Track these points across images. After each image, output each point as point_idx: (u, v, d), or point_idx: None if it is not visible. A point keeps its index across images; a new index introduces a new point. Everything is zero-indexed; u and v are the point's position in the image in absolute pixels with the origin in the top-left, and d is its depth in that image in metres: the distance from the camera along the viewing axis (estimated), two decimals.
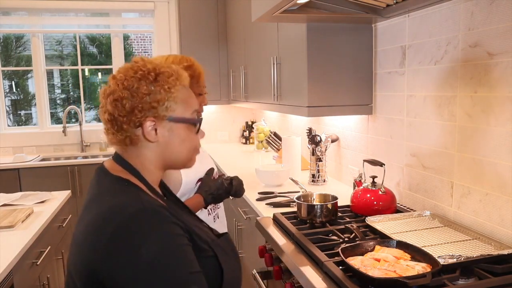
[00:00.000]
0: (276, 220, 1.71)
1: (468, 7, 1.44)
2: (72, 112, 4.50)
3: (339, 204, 1.66)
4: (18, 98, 5.06)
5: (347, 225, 1.53)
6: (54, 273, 2.16)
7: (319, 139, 2.41)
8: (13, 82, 4.93)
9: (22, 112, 5.36)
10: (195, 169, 1.35)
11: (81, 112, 4.42)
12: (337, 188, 2.38)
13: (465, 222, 1.52)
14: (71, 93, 5.42)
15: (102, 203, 0.85)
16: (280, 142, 3.21)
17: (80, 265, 0.82)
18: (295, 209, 1.75)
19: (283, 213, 1.73)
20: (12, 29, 4.42)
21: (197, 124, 0.96)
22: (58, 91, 5.75)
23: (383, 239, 1.35)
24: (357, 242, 1.32)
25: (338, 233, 1.49)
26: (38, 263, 1.84)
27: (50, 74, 5.48)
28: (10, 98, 4.95)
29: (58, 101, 5.34)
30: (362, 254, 1.24)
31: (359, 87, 2.07)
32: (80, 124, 4.34)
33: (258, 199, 2.15)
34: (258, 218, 1.80)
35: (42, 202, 2.28)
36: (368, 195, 1.69)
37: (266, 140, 3.50)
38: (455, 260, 1.16)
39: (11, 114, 4.99)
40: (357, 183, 2.04)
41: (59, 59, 5.58)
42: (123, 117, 0.88)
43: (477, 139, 1.45)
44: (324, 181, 2.45)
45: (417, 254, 1.20)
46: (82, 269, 0.81)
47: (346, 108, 2.07)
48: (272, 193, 2.24)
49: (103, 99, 0.91)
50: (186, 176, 1.48)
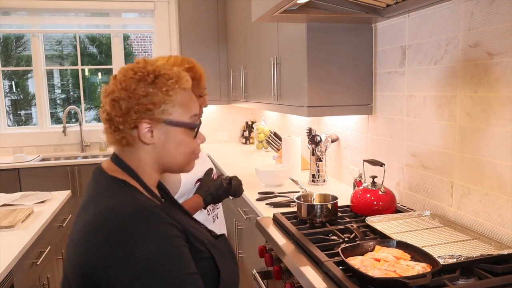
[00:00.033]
0: (276, 220, 1.71)
1: (468, 7, 1.44)
2: (72, 112, 4.50)
3: (339, 204, 1.66)
4: (18, 98, 5.07)
5: (347, 225, 1.53)
6: (54, 273, 2.16)
7: (319, 139, 2.41)
8: (13, 82, 4.93)
9: (22, 112, 5.36)
10: (194, 170, 1.35)
11: (81, 112, 4.41)
12: (337, 188, 2.38)
13: (465, 222, 1.52)
14: (71, 93, 5.42)
15: (99, 203, 0.85)
16: (280, 142, 3.21)
17: (76, 265, 0.82)
18: (295, 209, 1.75)
19: (283, 213, 1.73)
20: (12, 29, 4.42)
21: (195, 128, 0.95)
22: (58, 91, 5.76)
23: (383, 239, 1.35)
24: (357, 242, 1.32)
25: (338, 233, 1.49)
26: (38, 263, 1.84)
27: (50, 74, 5.49)
28: (10, 98, 4.95)
29: (58, 101, 5.34)
30: (362, 254, 1.24)
31: (359, 87, 2.07)
32: (80, 124, 4.34)
33: (258, 199, 2.15)
34: (258, 218, 1.79)
35: (42, 202, 2.28)
36: (368, 195, 1.69)
37: (266, 140, 3.50)
38: (455, 260, 1.16)
39: (11, 114, 4.99)
40: (357, 183, 2.04)
41: (59, 59, 5.59)
42: (119, 118, 0.88)
43: (477, 139, 1.45)
44: (324, 181, 2.45)
45: (417, 254, 1.20)
46: (78, 269, 0.81)
47: (346, 108, 2.07)
48: (272, 193, 2.23)
49: (103, 99, 0.91)
50: (185, 176, 1.47)
